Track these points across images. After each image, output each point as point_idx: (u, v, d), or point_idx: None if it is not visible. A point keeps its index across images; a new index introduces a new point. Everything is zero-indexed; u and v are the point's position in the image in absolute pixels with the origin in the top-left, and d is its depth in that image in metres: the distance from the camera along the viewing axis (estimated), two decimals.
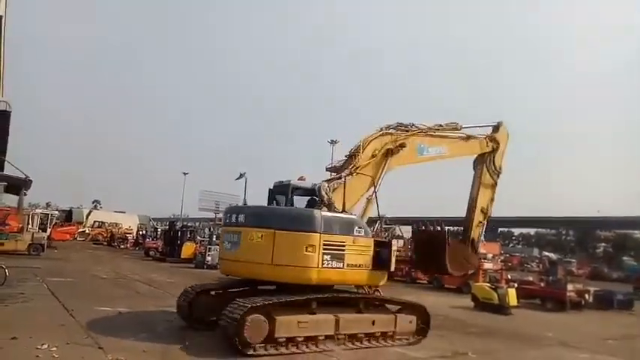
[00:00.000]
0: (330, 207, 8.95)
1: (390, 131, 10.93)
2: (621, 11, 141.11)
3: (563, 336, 11.93)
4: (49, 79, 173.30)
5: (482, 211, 12.87)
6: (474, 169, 13.17)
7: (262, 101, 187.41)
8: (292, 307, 7.87)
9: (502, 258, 33.60)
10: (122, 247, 43.26)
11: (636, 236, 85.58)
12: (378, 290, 15.25)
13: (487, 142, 12.80)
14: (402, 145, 10.79)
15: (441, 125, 12.07)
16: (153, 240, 37.02)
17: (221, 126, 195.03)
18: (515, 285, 18.70)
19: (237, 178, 29.80)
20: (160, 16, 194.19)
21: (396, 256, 31.50)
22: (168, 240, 30.95)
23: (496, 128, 13.22)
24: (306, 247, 7.98)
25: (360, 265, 8.53)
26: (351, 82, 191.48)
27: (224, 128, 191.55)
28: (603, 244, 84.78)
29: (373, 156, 10.47)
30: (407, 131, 11.13)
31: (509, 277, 24.21)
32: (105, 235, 51.01)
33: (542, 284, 20.45)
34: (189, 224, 41.95)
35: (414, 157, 11.41)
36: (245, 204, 10.15)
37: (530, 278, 25.06)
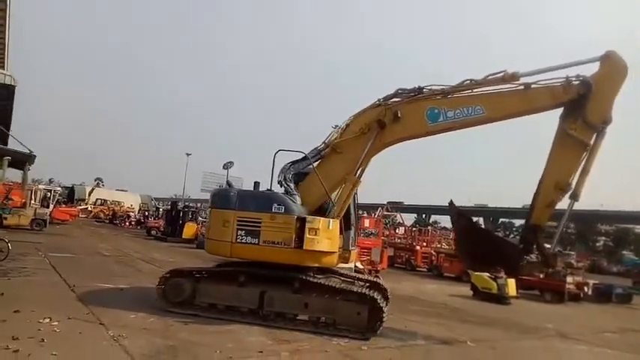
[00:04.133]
0: (285, 190, 8.78)
1: (387, 102, 8.98)
2: None
3: (561, 327, 11.96)
4: (56, 54, 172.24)
5: (557, 186, 8.53)
6: (560, 121, 8.82)
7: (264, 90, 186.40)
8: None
9: None
10: (124, 225, 43.51)
11: (637, 231, 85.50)
12: (377, 276, 15.43)
13: (565, 88, 8.37)
14: (396, 115, 8.74)
15: (472, 81, 8.71)
16: (155, 219, 37.20)
17: (231, 111, 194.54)
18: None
19: (225, 167, 31.37)
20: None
21: (397, 243, 31.21)
22: (169, 220, 31.12)
23: (602, 62, 8.35)
24: (224, 223, 8.58)
25: (278, 243, 8.33)
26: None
27: (233, 114, 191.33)
28: (604, 237, 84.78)
29: (363, 133, 8.89)
30: (413, 96, 8.86)
31: None
32: (107, 212, 51.35)
33: (541, 276, 20.48)
34: (190, 205, 42.03)
35: (424, 127, 8.83)
36: (229, 186, 10.05)
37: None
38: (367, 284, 9.50)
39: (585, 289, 19.48)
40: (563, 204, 8.79)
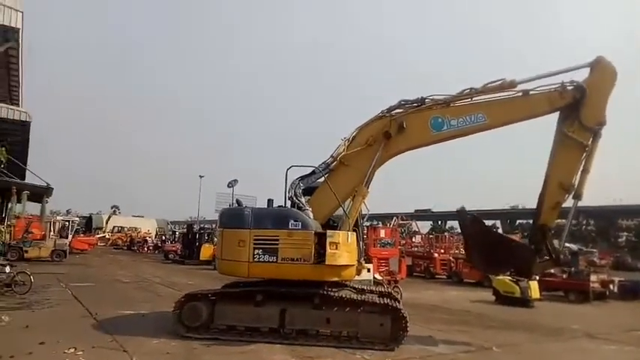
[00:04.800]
0: (296, 205, 8.79)
1: (391, 113, 9.29)
2: None
3: (588, 328, 11.71)
4: (64, 79, 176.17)
5: (561, 186, 9.02)
6: (557, 123, 9.45)
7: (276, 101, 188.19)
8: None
9: None
10: (142, 251, 43.88)
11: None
12: (397, 286, 15.31)
13: (561, 94, 9.00)
14: (401, 126, 9.08)
15: (472, 90, 9.11)
16: (172, 243, 37.46)
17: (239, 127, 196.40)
18: (537, 277, 18.44)
19: (229, 185, 31.67)
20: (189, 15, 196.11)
21: (414, 251, 31.07)
22: (186, 243, 31.30)
23: (592, 68, 9.05)
24: (238, 243, 8.44)
25: (297, 259, 8.26)
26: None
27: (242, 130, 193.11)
28: (625, 233, 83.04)
29: (369, 145, 9.16)
30: (416, 107, 9.21)
31: None
32: (124, 239, 51.87)
33: (564, 276, 20.10)
34: (206, 226, 42.29)
35: (428, 136, 9.21)
36: (239, 204, 10.09)
37: (552, 270, 24.67)
38: (384, 295, 9.45)
39: (611, 286, 19.07)
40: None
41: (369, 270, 12.39)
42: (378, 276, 14.64)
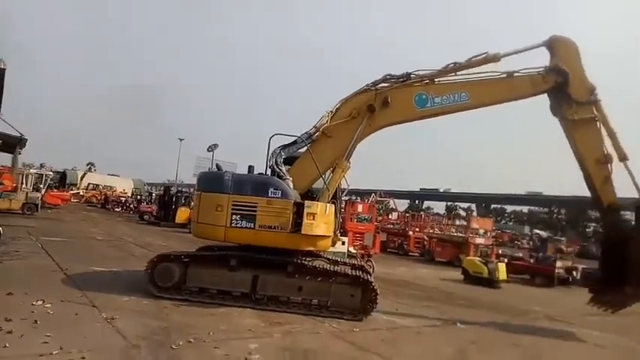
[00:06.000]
0: (277, 174, 8.74)
1: (376, 87, 9.22)
2: None
3: (549, 310, 12.19)
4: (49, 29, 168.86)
5: (599, 162, 9.12)
6: (555, 115, 9.50)
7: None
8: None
9: (494, 234, 34.09)
10: (116, 209, 43.39)
11: (626, 217, 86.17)
12: (370, 260, 15.57)
13: (544, 77, 9.20)
14: (386, 100, 9.03)
15: (457, 64, 9.12)
16: (148, 204, 37.12)
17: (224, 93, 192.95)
18: (506, 260, 19.00)
19: (209, 149, 31.31)
20: None
21: (390, 228, 31.60)
22: (162, 205, 31.05)
23: (551, 48, 9.33)
24: (216, 207, 8.39)
25: (274, 227, 8.31)
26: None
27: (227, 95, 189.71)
28: (594, 223, 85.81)
29: (353, 117, 9.10)
30: (402, 82, 9.18)
31: (500, 252, 24.60)
32: (99, 197, 51.11)
33: (531, 260, 20.79)
34: (184, 190, 41.92)
35: (412, 112, 9.23)
36: (219, 169, 9.97)
37: (521, 254, 25.50)
38: (356, 267, 9.60)
39: (574, 273, 19.78)
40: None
41: (343, 243, 12.54)
42: (352, 249, 14.84)
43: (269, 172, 9.00)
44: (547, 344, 8.58)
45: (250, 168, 9.29)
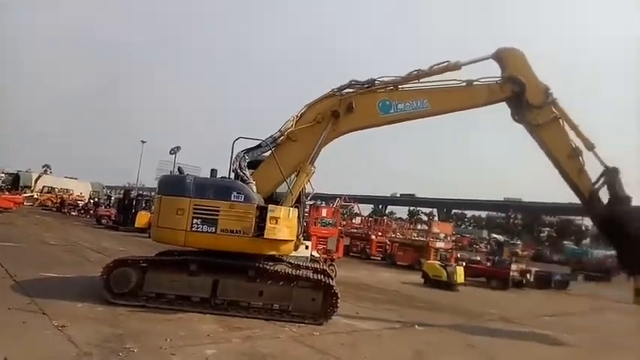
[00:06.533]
0: (240, 178, 8.68)
1: (341, 92, 9.35)
2: None
3: (504, 312, 12.62)
4: None
5: (570, 156, 9.73)
6: (518, 122, 9.90)
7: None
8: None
9: (454, 238, 35.00)
10: (73, 213, 41.83)
11: (578, 222, 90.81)
12: (333, 264, 15.66)
13: (501, 87, 9.59)
14: (350, 106, 9.17)
15: (420, 71, 9.42)
16: (106, 208, 35.96)
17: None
18: (464, 264, 19.58)
19: (171, 152, 30.73)
20: None
21: (353, 232, 31.75)
22: (122, 208, 30.10)
23: (499, 60, 9.78)
24: (177, 211, 8.26)
25: (236, 231, 8.26)
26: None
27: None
28: (548, 228, 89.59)
29: (317, 122, 9.19)
30: (366, 88, 9.35)
31: (459, 256, 25.25)
32: (54, 200, 49.09)
33: (488, 264, 21.46)
34: (145, 193, 40.83)
35: (375, 118, 9.45)
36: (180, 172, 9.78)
37: (478, 258, 26.29)
38: (318, 271, 9.63)
39: (528, 276, 20.57)
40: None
41: (307, 247, 12.60)
42: (315, 253, 14.89)
43: (232, 175, 8.94)
44: (501, 345, 8.89)
45: (213, 171, 9.18)
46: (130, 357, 5.53)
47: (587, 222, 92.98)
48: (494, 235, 77.63)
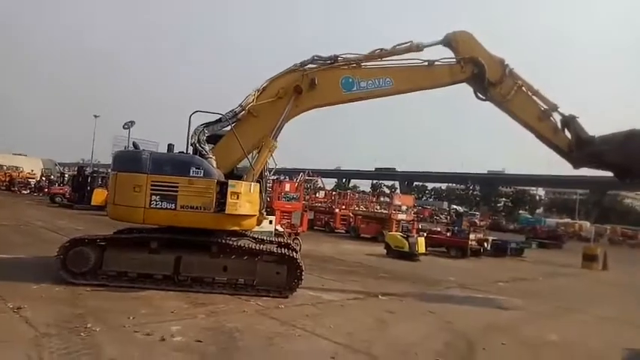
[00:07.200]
0: (199, 153, 8.51)
1: (304, 68, 9.19)
2: None
3: (462, 279, 13.15)
4: None
5: (540, 119, 10.22)
6: (484, 100, 10.08)
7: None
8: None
9: (415, 210, 35.91)
10: (24, 192, 40.05)
11: (532, 192, 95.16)
12: (297, 238, 15.77)
13: (462, 68, 9.78)
14: (313, 82, 9.04)
15: (383, 50, 9.41)
16: (59, 185, 34.59)
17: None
18: (425, 234, 20.16)
19: (125, 127, 29.66)
20: None
21: (317, 206, 31.96)
22: (76, 186, 29.05)
23: (450, 45, 9.89)
24: (134, 187, 8.08)
25: (197, 207, 8.17)
26: None
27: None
28: (504, 199, 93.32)
29: (279, 97, 9.01)
30: (329, 64, 9.22)
31: (420, 227, 25.95)
32: (3, 179, 46.75)
33: (448, 234, 22.17)
34: (100, 170, 39.44)
35: (338, 95, 9.37)
36: (135, 147, 9.47)
37: (439, 229, 27.11)
38: (282, 245, 9.68)
39: (485, 245, 21.43)
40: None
41: (270, 222, 12.59)
42: (279, 228, 14.94)
43: (191, 150, 8.73)
44: (459, 310, 9.28)
45: (170, 146, 8.94)
46: (92, 336, 5.43)
47: (540, 192, 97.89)
48: (454, 207, 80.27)
